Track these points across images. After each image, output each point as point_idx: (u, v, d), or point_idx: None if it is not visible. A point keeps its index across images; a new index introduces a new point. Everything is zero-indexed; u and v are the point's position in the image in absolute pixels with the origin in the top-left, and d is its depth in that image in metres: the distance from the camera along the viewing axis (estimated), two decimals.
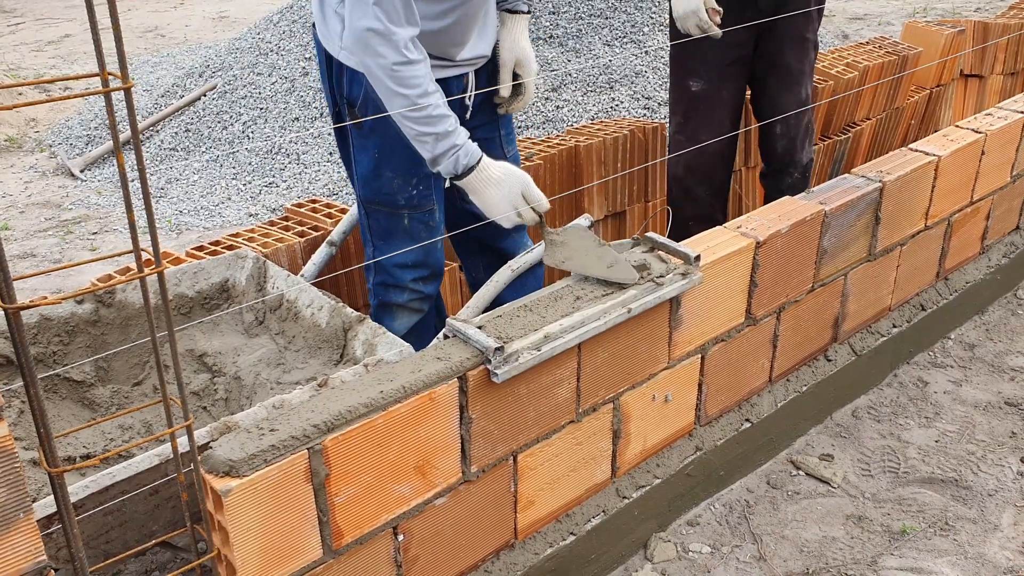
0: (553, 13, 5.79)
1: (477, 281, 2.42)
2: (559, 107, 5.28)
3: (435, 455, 1.62)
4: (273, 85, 5.61)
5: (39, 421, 1.10)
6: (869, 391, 2.69)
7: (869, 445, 2.47)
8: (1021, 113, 2.87)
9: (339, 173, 4.94)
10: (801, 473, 2.38)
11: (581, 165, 3.06)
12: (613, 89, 5.44)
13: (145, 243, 1.13)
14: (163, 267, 1.13)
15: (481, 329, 1.65)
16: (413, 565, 1.68)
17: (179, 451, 1.33)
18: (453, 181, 1.91)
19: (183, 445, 1.37)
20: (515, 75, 2.20)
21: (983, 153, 2.73)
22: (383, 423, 1.50)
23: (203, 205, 4.89)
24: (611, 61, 5.54)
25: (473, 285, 2.51)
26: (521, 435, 1.76)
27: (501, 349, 1.60)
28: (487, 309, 2.12)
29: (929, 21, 4.61)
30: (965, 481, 2.33)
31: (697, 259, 1.91)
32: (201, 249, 2.39)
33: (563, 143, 3.07)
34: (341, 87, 2.07)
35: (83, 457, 1.82)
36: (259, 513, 1.39)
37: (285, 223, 2.57)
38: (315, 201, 2.69)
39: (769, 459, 2.42)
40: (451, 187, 2.22)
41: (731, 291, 2.09)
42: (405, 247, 2.14)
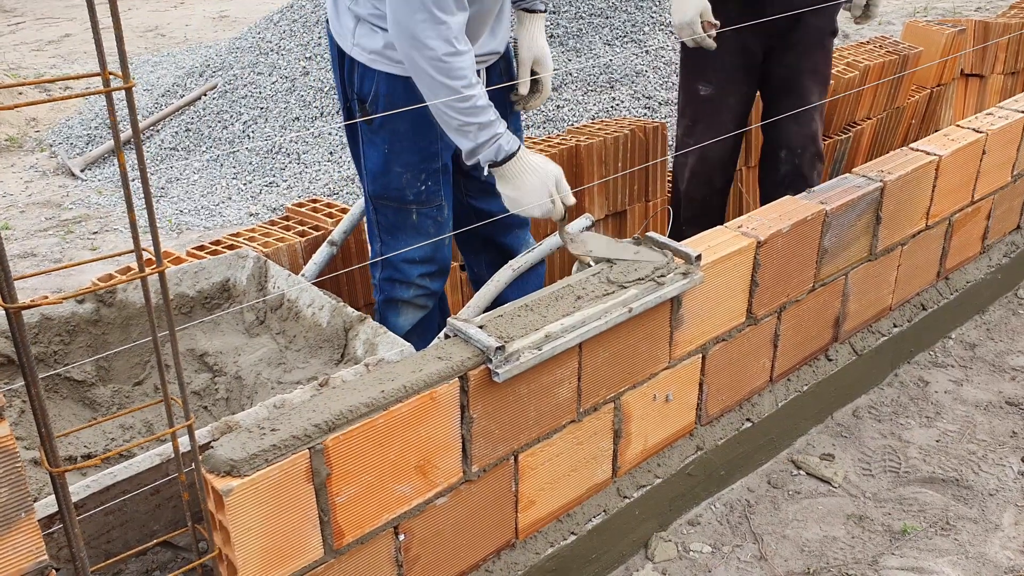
0: (553, 12, 5.79)
1: (479, 278, 2.43)
2: (559, 107, 5.28)
3: (436, 455, 1.62)
4: (273, 85, 5.61)
5: (40, 421, 1.10)
6: (870, 391, 2.69)
7: (870, 445, 2.47)
8: (1022, 113, 2.87)
9: (339, 173, 4.94)
10: (802, 473, 2.38)
11: (582, 165, 3.06)
12: (614, 88, 5.44)
13: (146, 242, 1.13)
14: (164, 267, 1.13)
15: (482, 328, 1.65)
16: (414, 565, 1.68)
17: (180, 451, 1.33)
18: (490, 168, 1.90)
19: (184, 445, 1.37)
20: (532, 72, 2.23)
21: (984, 153, 2.73)
22: (384, 423, 1.50)
23: (204, 205, 4.89)
24: (611, 60, 5.54)
25: (475, 283, 2.51)
26: (522, 435, 1.76)
27: (502, 348, 1.60)
28: (488, 308, 2.12)
29: (930, 20, 4.61)
30: (966, 481, 2.33)
31: (698, 259, 1.90)
32: (202, 249, 2.39)
33: (564, 143, 3.07)
34: (352, 83, 2.07)
35: (84, 457, 1.82)
36: (260, 513, 1.39)
37: (286, 223, 2.57)
38: (316, 201, 2.69)
39: (770, 459, 2.42)
40: (457, 183, 2.23)
41: (732, 291, 2.09)
42: (413, 243, 2.14)
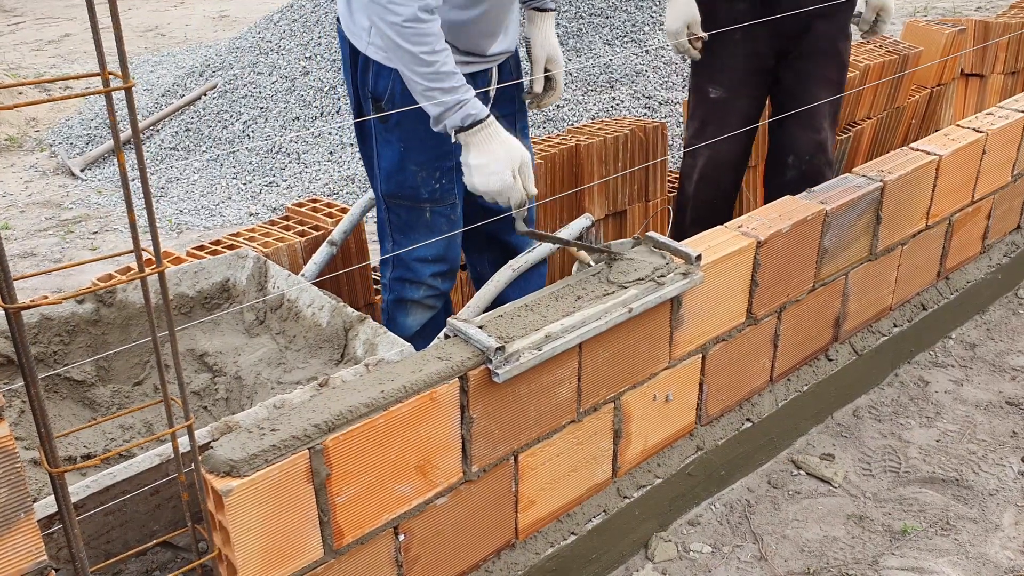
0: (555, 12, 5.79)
1: (481, 277, 2.43)
2: (559, 106, 5.28)
3: (436, 455, 1.62)
4: (273, 84, 5.61)
5: (40, 421, 1.10)
6: (870, 391, 2.68)
7: (870, 445, 2.47)
8: (1022, 112, 2.87)
9: (339, 173, 4.94)
10: (802, 473, 2.38)
11: (582, 164, 3.06)
12: (613, 88, 5.44)
13: (146, 243, 1.13)
14: (164, 267, 1.13)
15: (482, 329, 1.65)
16: (414, 565, 1.68)
17: (180, 451, 1.33)
18: (457, 135, 1.88)
19: (184, 445, 1.37)
20: (545, 70, 2.25)
21: (984, 152, 2.73)
22: (384, 423, 1.50)
23: (203, 204, 4.89)
24: (611, 60, 5.54)
25: (477, 281, 2.51)
26: (522, 435, 1.76)
27: (502, 349, 1.60)
28: (489, 308, 2.12)
29: (930, 20, 4.61)
30: (966, 481, 2.33)
31: (698, 259, 1.90)
32: (202, 249, 2.39)
33: (564, 142, 3.07)
34: (366, 82, 2.07)
35: (84, 457, 1.82)
36: (260, 513, 1.39)
37: (286, 222, 2.57)
38: (315, 201, 2.69)
39: (770, 459, 2.42)
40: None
41: (732, 291, 2.09)
42: (426, 241, 2.14)
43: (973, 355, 2.87)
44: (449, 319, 1.70)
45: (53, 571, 1.21)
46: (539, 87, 2.25)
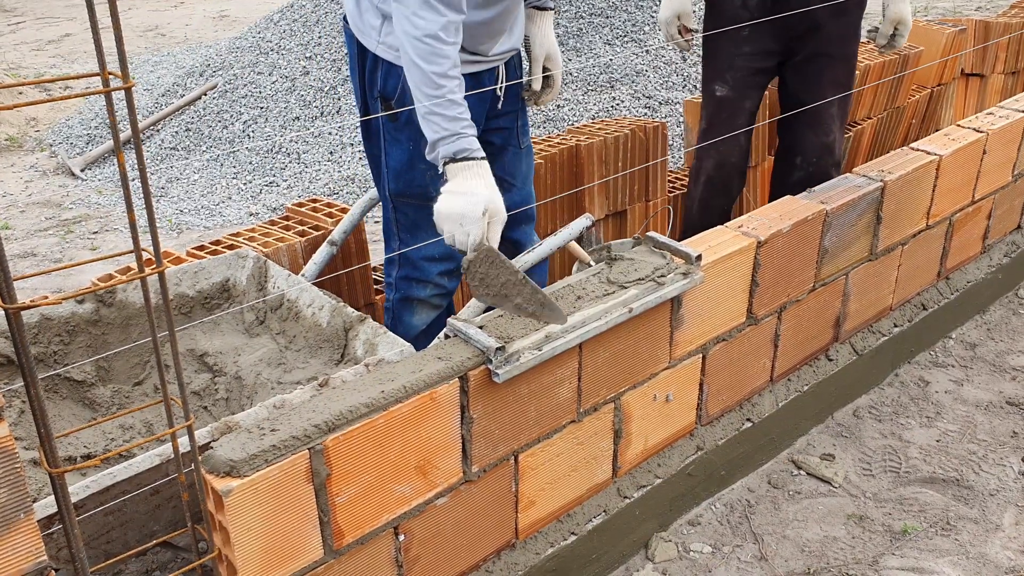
0: (554, 12, 5.79)
1: None
2: (560, 106, 5.28)
3: (436, 455, 1.62)
4: (274, 84, 5.61)
5: (39, 421, 1.10)
6: (870, 391, 2.68)
7: (870, 445, 2.47)
8: (1022, 112, 2.87)
9: (339, 172, 4.94)
10: (802, 473, 2.38)
11: (582, 164, 3.06)
12: (614, 88, 5.44)
13: (146, 243, 1.13)
14: (164, 267, 1.13)
15: (482, 329, 1.65)
16: (414, 565, 1.68)
17: (180, 451, 1.33)
18: (445, 166, 1.84)
19: (184, 445, 1.37)
20: (544, 69, 2.26)
21: (984, 152, 2.73)
22: (384, 423, 1.50)
23: (204, 204, 4.89)
24: (612, 60, 5.54)
25: None
26: (522, 435, 1.76)
27: (502, 349, 1.60)
28: (488, 308, 2.11)
29: (930, 20, 4.61)
30: (966, 481, 2.33)
31: (698, 259, 1.90)
32: (202, 249, 2.38)
33: (564, 142, 3.06)
34: (375, 81, 2.07)
35: (84, 457, 1.82)
36: (260, 513, 1.39)
37: (286, 222, 2.57)
38: (316, 200, 2.68)
39: (770, 459, 2.42)
40: None
41: (732, 291, 2.09)
42: (433, 240, 2.14)
43: (973, 355, 2.87)
44: (449, 319, 1.70)
45: (53, 571, 1.21)
46: (538, 85, 2.26)
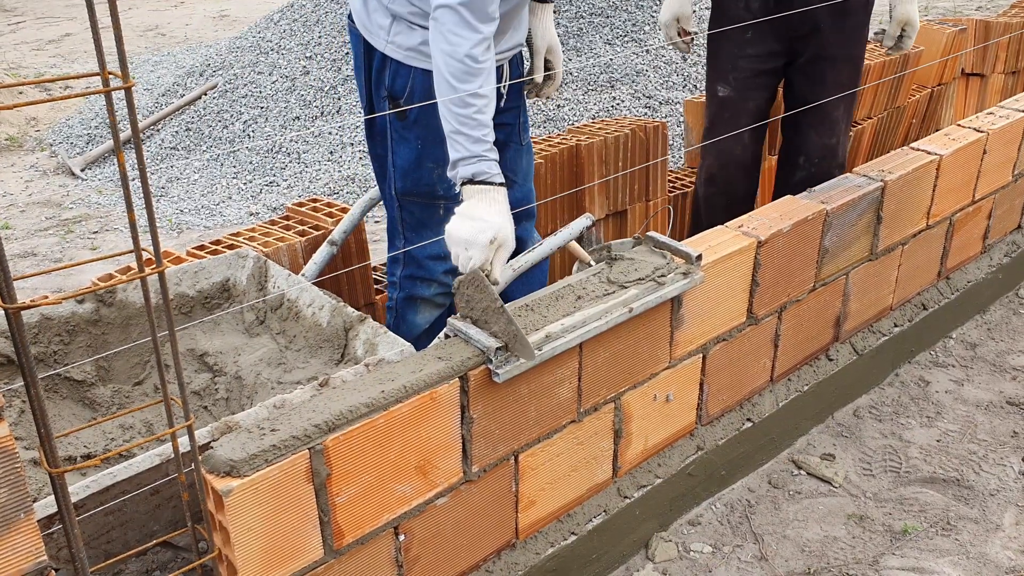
0: (554, 11, 5.79)
1: None
2: (560, 106, 5.28)
3: (436, 455, 1.62)
4: (274, 84, 5.61)
5: (39, 421, 1.10)
6: (871, 390, 2.68)
7: (870, 444, 2.47)
8: (1022, 112, 2.87)
9: (339, 172, 4.94)
10: (802, 473, 2.38)
11: (582, 164, 3.06)
12: (614, 88, 5.44)
13: (146, 242, 1.13)
14: (164, 267, 1.13)
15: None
16: (414, 565, 1.68)
17: (180, 451, 1.33)
18: (463, 186, 1.84)
19: (184, 445, 1.37)
20: (546, 62, 2.29)
21: (985, 152, 2.73)
22: (384, 423, 1.50)
23: (204, 204, 4.89)
24: (612, 60, 5.54)
25: None
26: (522, 435, 1.76)
27: (502, 349, 1.60)
28: None
29: (930, 20, 4.61)
30: (967, 481, 2.33)
31: (698, 258, 1.90)
32: (202, 248, 2.38)
33: (564, 142, 3.06)
34: (382, 81, 2.07)
35: (84, 457, 1.82)
36: (260, 513, 1.39)
37: (286, 222, 2.57)
38: (316, 200, 2.68)
39: (770, 459, 2.41)
40: None
41: (733, 290, 2.09)
42: (438, 238, 2.15)
43: (974, 355, 2.87)
44: (449, 319, 1.69)
45: (53, 571, 1.21)
46: (540, 78, 2.28)
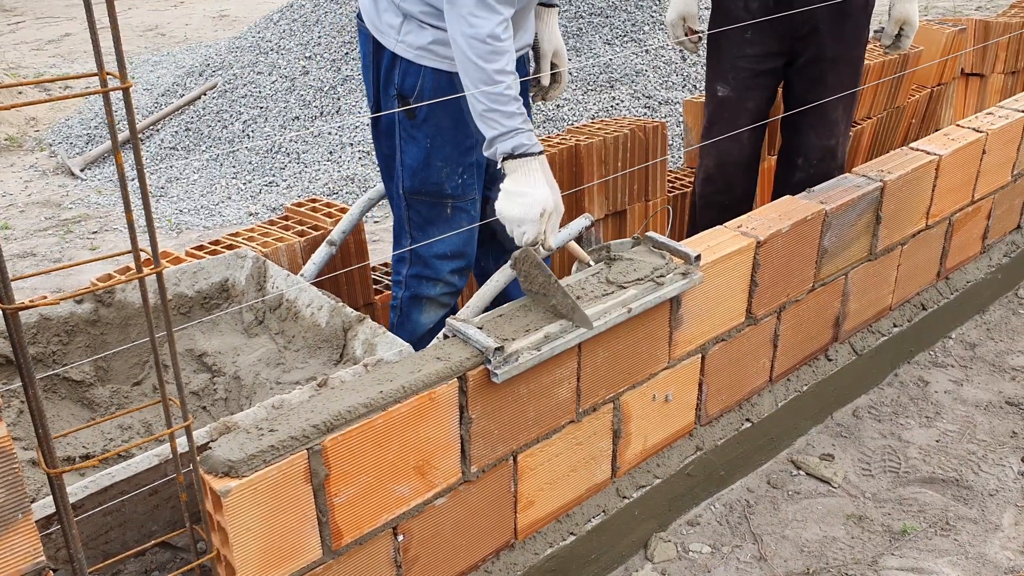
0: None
1: (485, 272, 2.43)
2: (559, 106, 5.28)
3: (435, 455, 1.62)
4: (273, 84, 5.61)
5: (38, 421, 1.10)
6: (870, 391, 2.68)
7: (870, 445, 2.47)
8: (1022, 112, 2.87)
9: (339, 172, 4.94)
10: (802, 473, 2.37)
11: (581, 164, 3.06)
12: (613, 88, 5.44)
13: (144, 243, 1.13)
14: (162, 267, 1.13)
15: (481, 329, 1.65)
16: (413, 565, 1.68)
17: (178, 451, 1.33)
18: (503, 162, 1.86)
19: (182, 445, 1.37)
20: (551, 64, 2.30)
21: (984, 152, 2.73)
22: (383, 423, 1.50)
23: (203, 204, 4.89)
24: (611, 60, 5.54)
25: (480, 277, 2.52)
26: (521, 435, 1.76)
27: (501, 349, 1.60)
28: (492, 306, 2.11)
29: (930, 20, 4.61)
30: (966, 481, 2.33)
31: (698, 259, 1.90)
32: (201, 248, 2.38)
33: (563, 142, 3.06)
34: (391, 80, 2.07)
35: (82, 457, 1.81)
36: (258, 513, 1.39)
37: (285, 222, 2.57)
38: (315, 200, 2.68)
39: (769, 459, 2.41)
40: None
41: (732, 290, 2.09)
42: (446, 235, 2.15)
43: (973, 355, 2.87)
44: (448, 319, 1.70)
45: (51, 572, 1.21)
46: (546, 80, 2.30)
